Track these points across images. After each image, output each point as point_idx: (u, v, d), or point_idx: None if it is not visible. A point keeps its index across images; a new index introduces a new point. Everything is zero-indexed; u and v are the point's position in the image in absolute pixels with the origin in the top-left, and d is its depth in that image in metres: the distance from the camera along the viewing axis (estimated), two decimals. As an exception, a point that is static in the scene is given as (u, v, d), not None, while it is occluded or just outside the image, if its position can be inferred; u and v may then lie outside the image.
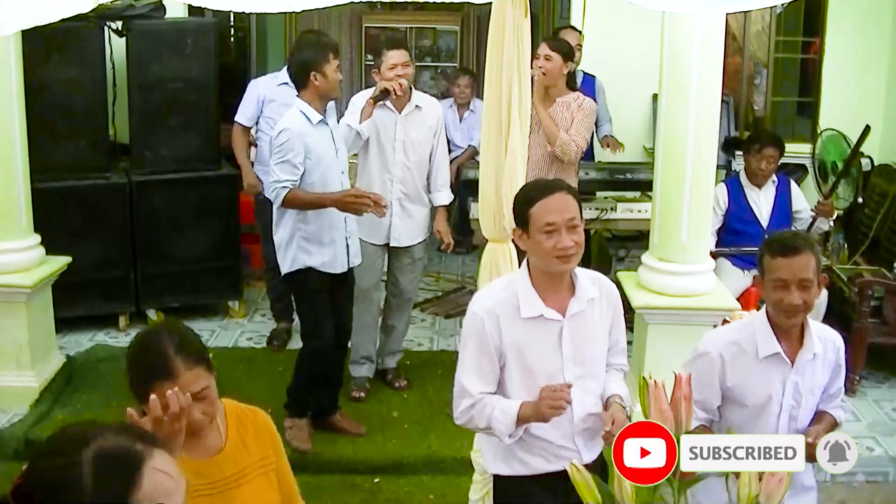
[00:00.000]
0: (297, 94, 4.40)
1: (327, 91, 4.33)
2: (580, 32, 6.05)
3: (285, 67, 4.72)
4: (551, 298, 2.69)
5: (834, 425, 2.83)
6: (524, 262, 2.76)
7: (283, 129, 4.27)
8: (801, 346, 2.75)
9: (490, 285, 2.86)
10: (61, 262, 5.10)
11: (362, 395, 5.02)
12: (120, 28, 5.71)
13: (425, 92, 6.53)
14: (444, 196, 5.08)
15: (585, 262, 6.11)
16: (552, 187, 2.71)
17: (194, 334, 2.32)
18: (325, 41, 4.42)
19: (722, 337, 2.85)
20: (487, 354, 2.68)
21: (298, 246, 4.36)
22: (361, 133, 4.72)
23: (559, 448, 2.74)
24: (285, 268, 4.43)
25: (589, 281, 2.76)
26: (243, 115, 5.59)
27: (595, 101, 5.37)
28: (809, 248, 2.68)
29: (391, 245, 4.96)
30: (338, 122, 4.61)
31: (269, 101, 5.45)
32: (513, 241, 2.79)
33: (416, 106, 4.88)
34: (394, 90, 4.69)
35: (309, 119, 4.29)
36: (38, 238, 5.02)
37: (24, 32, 3.98)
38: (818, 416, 2.83)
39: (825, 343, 2.80)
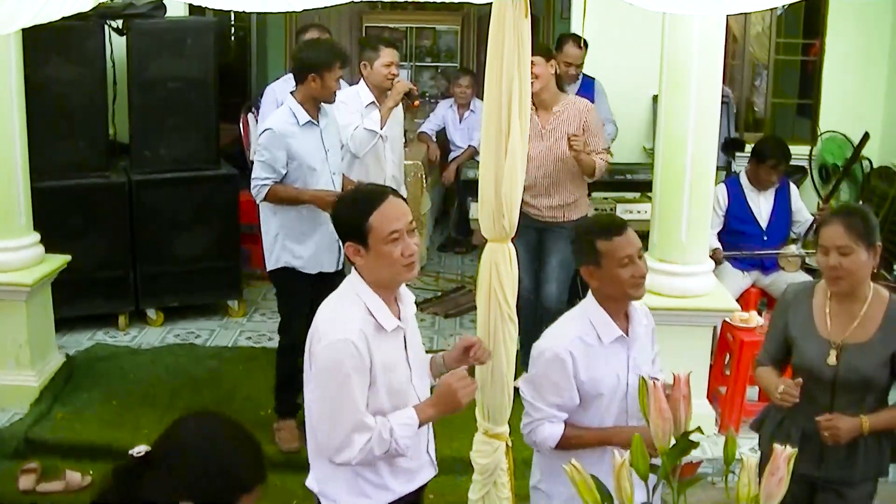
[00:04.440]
0: (292, 90, 4.41)
1: (320, 95, 4.33)
2: (582, 39, 6.07)
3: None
4: (392, 308, 2.61)
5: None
6: (354, 277, 2.61)
7: (266, 128, 4.29)
8: (628, 321, 2.83)
9: (336, 311, 2.59)
10: (61, 260, 5.10)
11: None
12: (120, 27, 5.71)
13: (425, 92, 6.52)
14: (403, 191, 5.33)
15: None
16: (383, 193, 2.58)
17: None
18: (338, 50, 4.41)
19: (565, 335, 2.82)
20: (366, 379, 2.51)
21: (283, 245, 4.39)
22: (384, 137, 4.80)
23: (418, 464, 2.70)
24: (269, 265, 4.46)
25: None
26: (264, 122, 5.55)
27: (593, 102, 5.36)
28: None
29: None
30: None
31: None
32: (348, 258, 2.61)
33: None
34: (413, 90, 4.86)
35: (296, 119, 4.29)
36: (37, 237, 5.02)
37: (24, 31, 3.98)
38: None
39: (641, 311, 2.90)
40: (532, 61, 4.84)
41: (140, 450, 1.91)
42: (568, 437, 2.80)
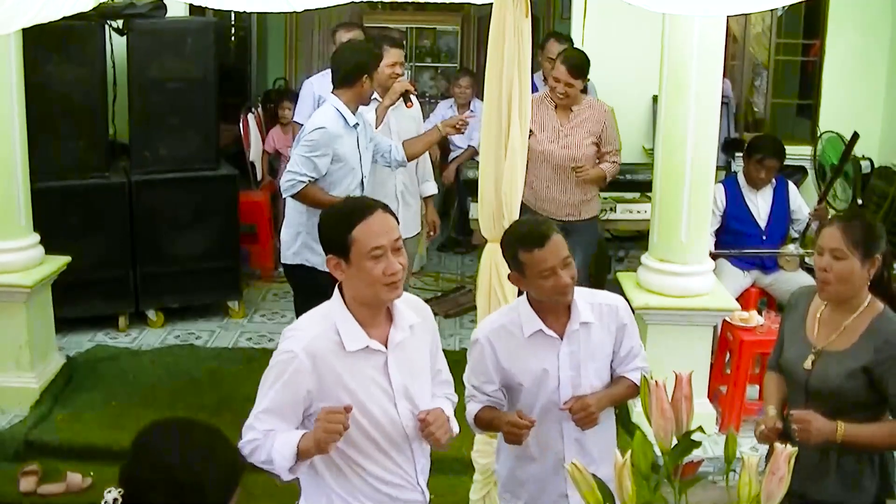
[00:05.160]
0: (333, 90, 4.40)
1: (369, 95, 4.40)
2: (566, 38, 6.12)
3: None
4: (373, 329, 2.47)
5: (631, 389, 2.87)
6: (336, 292, 2.50)
7: (319, 126, 4.25)
8: (569, 318, 2.82)
9: (306, 321, 2.51)
10: (61, 261, 5.09)
11: None
12: (120, 27, 5.71)
13: (426, 92, 6.50)
14: (431, 186, 5.30)
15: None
16: (371, 207, 2.45)
17: None
18: (377, 51, 4.58)
19: (490, 323, 2.90)
20: (297, 396, 2.42)
21: (303, 243, 4.36)
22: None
23: (407, 490, 2.58)
24: (287, 259, 4.43)
25: (406, 305, 2.57)
26: (302, 115, 5.45)
27: None
28: (555, 230, 2.77)
29: None
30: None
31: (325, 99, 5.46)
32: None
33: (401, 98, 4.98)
34: (410, 91, 4.86)
35: (346, 120, 4.30)
36: (37, 238, 5.01)
37: (24, 31, 3.99)
38: (615, 380, 2.90)
39: (600, 309, 2.86)
40: (569, 82, 4.91)
41: (114, 496, 1.86)
42: (477, 416, 2.88)
